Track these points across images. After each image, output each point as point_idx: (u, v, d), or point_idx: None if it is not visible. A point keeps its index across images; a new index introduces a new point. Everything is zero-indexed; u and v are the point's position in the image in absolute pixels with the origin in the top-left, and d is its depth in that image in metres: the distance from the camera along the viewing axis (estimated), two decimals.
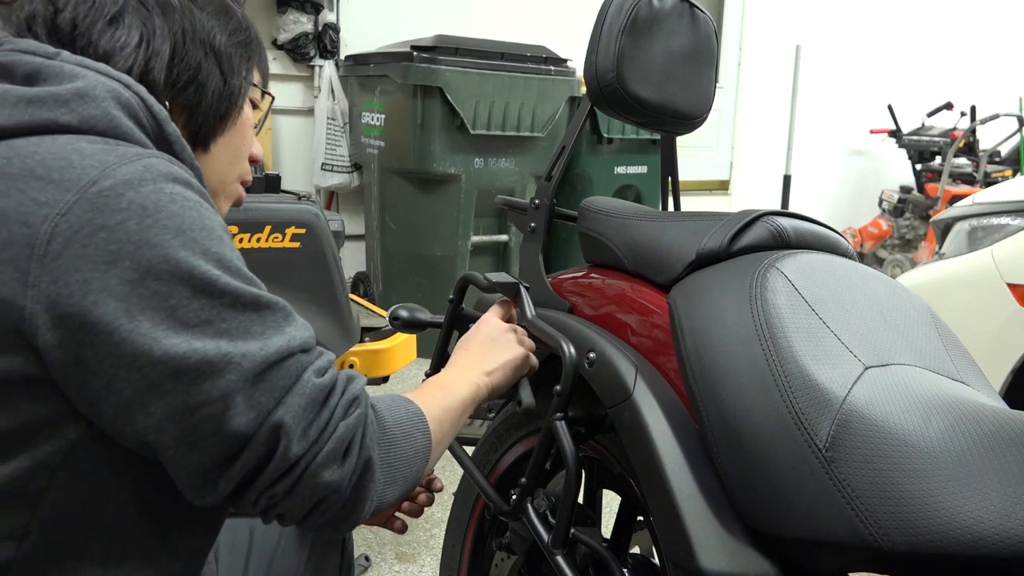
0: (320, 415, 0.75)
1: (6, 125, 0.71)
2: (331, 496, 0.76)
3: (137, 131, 0.75)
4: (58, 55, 0.77)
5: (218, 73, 0.87)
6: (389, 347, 2.32)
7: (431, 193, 3.79)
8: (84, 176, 0.68)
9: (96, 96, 0.73)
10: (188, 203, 0.71)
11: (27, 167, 0.68)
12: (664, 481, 0.92)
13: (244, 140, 0.93)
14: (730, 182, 6.55)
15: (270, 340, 0.72)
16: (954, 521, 0.75)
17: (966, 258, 2.34)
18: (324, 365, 0.77)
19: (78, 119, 0.72)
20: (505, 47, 3.86)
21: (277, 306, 0.75)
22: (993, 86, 7.15)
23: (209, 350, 0.68)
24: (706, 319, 0.98)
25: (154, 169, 0.71)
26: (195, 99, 0.85)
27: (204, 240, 0.70)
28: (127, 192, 0.68)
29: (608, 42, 1.19)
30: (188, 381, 0.68)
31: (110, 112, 0.73)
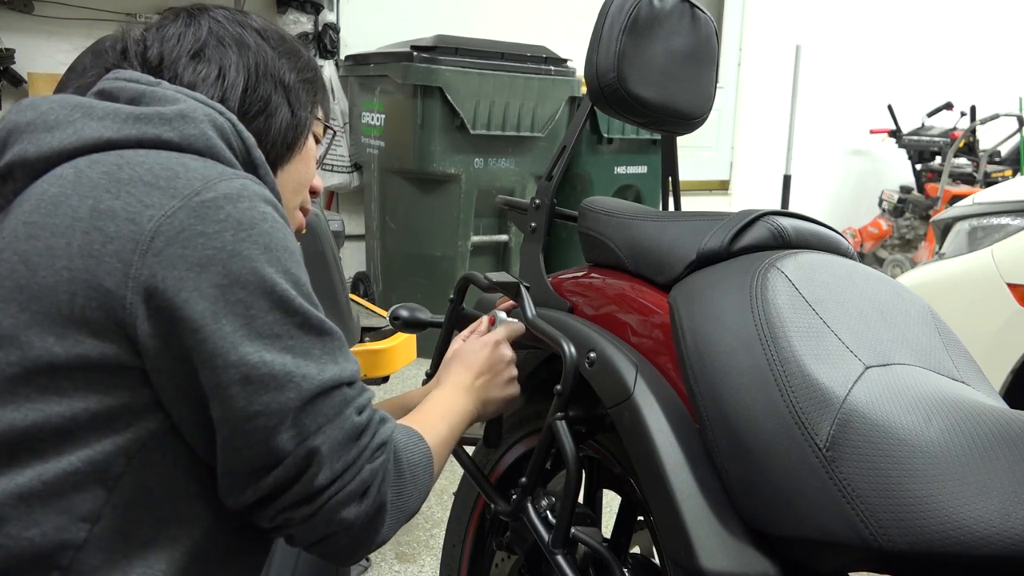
0: (351, 452, 0.79)
1: (116, 138, 0.79)
2: (342, 532, 0.80)
3: (228, 152, 0.83)
4: (159, 84, 0.85)
5: (286, 105, 0.93)
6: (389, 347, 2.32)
7: (431, 193, 3.79)
8: (189, 186, 0.76)
9: (196, 118, 0.81)
10: (276, 224, 0.78)
11: (136, 174, 0.76)
12: (664, 481, 0.92)
13: (307, 170, 0.99)
14: (730, 182, 6.55)
15: (326, 367, 0.78)
16: (954, 521, 0.75)
17: (966, 258, 2.34)
18: (364, 403, 0.82)
19: (180, 136, 0.80)
20: (505, 47, 3.86)
21: (335, 335, 0.81)
22: (993, 86, 7.15)
23: (276, 365, 0.74)
24: (706, 319, 0.98)
25: (250, 188, 0.78)
26: (264, 128, 0.92)
27: (286, 260, 0.77)
28: (226, 205, 0.75)
29: (609, 42, 1.19)
30: (252, 390, 0.73)
31: (207, 133, 0.81)
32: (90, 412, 0.74)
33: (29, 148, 0.79)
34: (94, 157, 0.78)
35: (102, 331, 0.73)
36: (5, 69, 3.46)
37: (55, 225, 0.75)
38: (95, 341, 0.73)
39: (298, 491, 0.77)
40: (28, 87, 3.51)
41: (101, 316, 0.73)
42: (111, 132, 0.79)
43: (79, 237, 0.74)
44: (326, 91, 1.03)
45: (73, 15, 3.62)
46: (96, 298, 0.73)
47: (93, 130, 0.79)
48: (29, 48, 3.55)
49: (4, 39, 3.50)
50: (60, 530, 0.73)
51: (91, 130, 0.79)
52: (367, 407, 0.82)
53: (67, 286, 0.73)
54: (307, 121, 0.97)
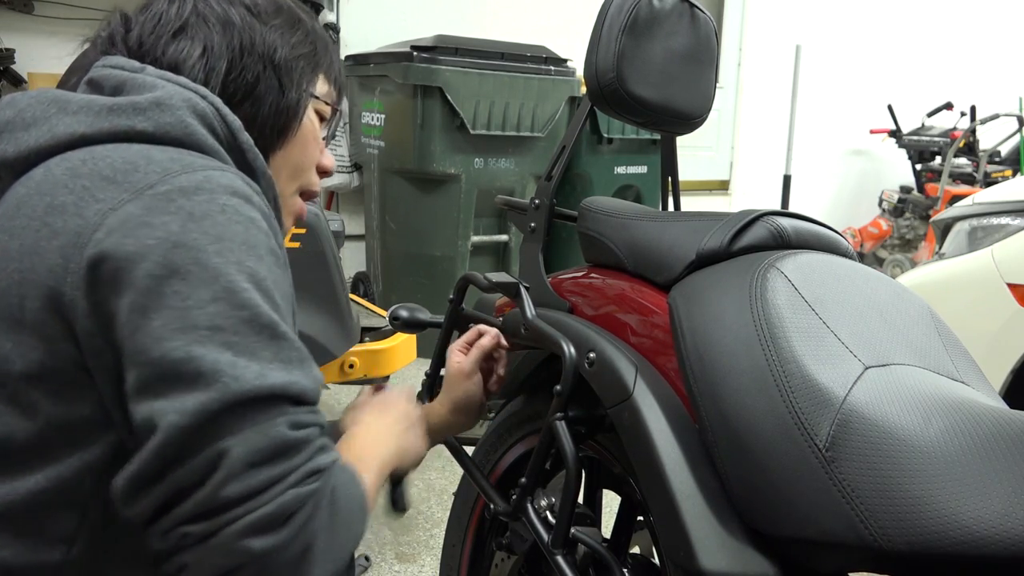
0: (274, 468, 0.66)
1: (88, 132, 0.76)
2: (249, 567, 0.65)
3: (211, 139, 0.78)
4: (143, 69, 0.82)
5: (276, 87, 0.88)
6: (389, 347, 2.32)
7: (431, 193, 3.79)
8: (145, 179, 0.71)
9: (172, 105, 0.77)
10: (238, 217, 0.72)
11: (96, 169, 0.73)
12: (664, 481, 0.92)
13: (305, 153, 0.93)
14: (730, 182, 6.55)
15: (270, 372, 0.68)
16: (954, 521, 0.75)
17: (966, 258, 2.34)
18: (307, 421, 0.70)
19: (154, 126, 0.76)
20: (505, 47, 3.86)
21: (294, 344, 0.71)
22: (993, 86, 7.15)
23: (206, 359, 0.65)
24: (706, 319, 0.98)
25: (214, 180, 0.73)
26: (252, 113, 0.86)
27: (242, 253, 0.70)
28: (179, 198, 0.70)
29: (608, 42, 1.19)
30: (171, 387, 0.65)
31: (184, 120, 0.77)
32: (54, 426, 0.70)
33: (8, 148, 0.77)
34: (66, 155, 0.75)
35: (54, 334, 0.69)
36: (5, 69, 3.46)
37: (13, 227, 0.73)
38: (49, 345, 0.69)
39: (199, 499, 0.64)
40: (28, 87, 3.51)
41: (48, 317, 0.69)
42: (84, 127, 0.76)
43: (30, 236, 0.71)
44: (333, 62, 0.96)
45: (73, 15, 3.62)
46: (41, 298, 0.69)
47: (67, 126, 0.76)
48: (29, 48, 3.55)
49: (4, 39, 3.50)
50: (34, 551, 0.70)
51: (64, 126, 0.76)
52: (308, 427, 0.70)
53: (17, 288, 0.70)
54: (302, 102, 0.91)
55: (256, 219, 0.73)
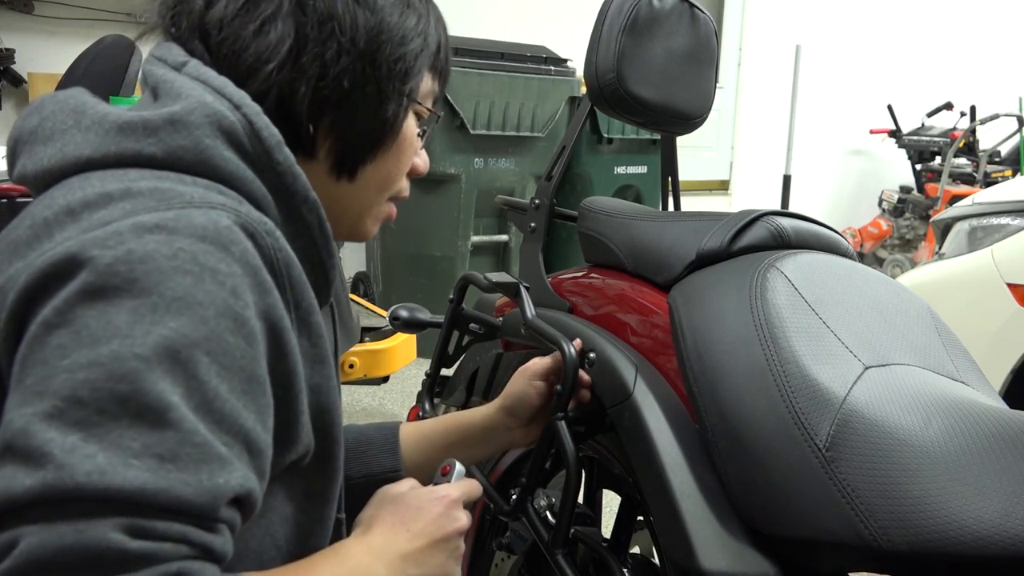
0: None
1: (94, 156, 0.66)
2: None
3: (235, 161, 0.67)
4: (184, 66, 0.70)
5: (375, 95, 0.75)
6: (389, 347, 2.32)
7: (431, 193, 3.79)
8: (108, 216, 0.60)
9: (190, 123, 0.66)
10: (192, 266, 0.58)
11: (68, 202, 0.62)
12: (664, 481, 0.92)
13: (399, 163, 0.80)
14: (730, 182, 6.55)
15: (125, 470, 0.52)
16: (954, 521, 0.75)
17: (966, 258, 2.34)
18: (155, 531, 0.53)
19: (164, 151, 0.65)
20: (505, 47, 3.86)
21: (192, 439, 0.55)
22: (993, 86, 7.14)
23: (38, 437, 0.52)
24: (706, 319, 0.98)
25: (185, 219, 0.60)
26: (344, 123, 0.75)
27: (167, 311, 0.56)
28: (128, 235, 0.58)
29: (608, 42, 1.19)
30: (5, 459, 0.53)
31: (201, 143, 0.66)
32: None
33: (28, 165, 0.69)
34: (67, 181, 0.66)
35: None
36: (5, 69, 3.46)
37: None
38: None
39: None
40: (28, 87, 3.51)
41: None
42: (91, 149, 0.66)
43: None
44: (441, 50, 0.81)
45: (73, 15, 3.62)
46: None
47: (75, 147, 0.66)
48: (29, 48, 3.55)
49: (4, 39, 3.50)
50: None
51: (74, 147, 0.66)
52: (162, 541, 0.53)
53: None
54: (401, 113, 0.77)
55: (221, 272, 0.59)
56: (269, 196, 0.69)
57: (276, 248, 0.65)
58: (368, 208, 0.81)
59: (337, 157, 0.76)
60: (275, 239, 0.65)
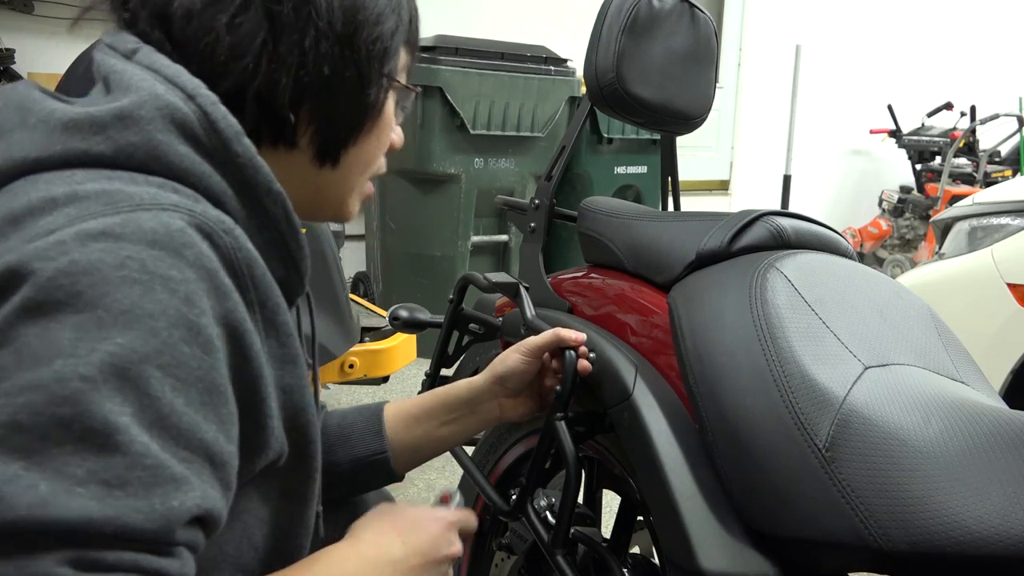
0: None
1: (41, 156, 0.61)
2: None
3: (190, 156, 0.63)
4: (134, 54, 0.66)
5: (355, 79, 0.72)
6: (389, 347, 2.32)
7: (431, 193, 3.79)
8: (51, 224, 0.56)
9: (140, 118, 0.62)
10: (141, 275, 0.54)
11: (11, 209, 0.58)
12: (664, 481, 0.92)
13: (380, 143, 0.79)
14: (730, 182, 6.55)
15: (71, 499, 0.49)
16: (954, 521, 0.75)
17: (966, 258, 2.34)
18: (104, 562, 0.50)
19: (113, 148, 0.61)
20: (505, 47, 3.86)
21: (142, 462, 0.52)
22: (993, 86, 7.15)
23: None
24: (706, 319, 0.98)
25: (132, 224, 0.56)
26: (326, 110, 0.72)
27: (113, 327, 0.52)
28: (72, 245, 0.54)
29: (608, 42, 1.19)
30: None
31: (153, 139, 0.62)
32: None
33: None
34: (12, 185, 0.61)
35: None
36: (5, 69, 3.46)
37: None
38: None
39: None
40: None
41: None
42: (37, 150, 0.61)
43: None
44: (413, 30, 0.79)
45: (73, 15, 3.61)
46: None
47: (21, 147, 0.62)
48: (29, 48, 3.55)
49: (4, 39, 3.50)
50: None
51: (19, 147, 0.62)
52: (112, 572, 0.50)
53: None
54: (381, 96, 0.75)
55: (173, 279, 0.55)
56: (230, 191, 0.66)
57: (235, 248, 0.62)
58: (352, 190, 0.79)
59: (320, 144, 0.74)
60: (234, 238, 0.62)
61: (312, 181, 0.75)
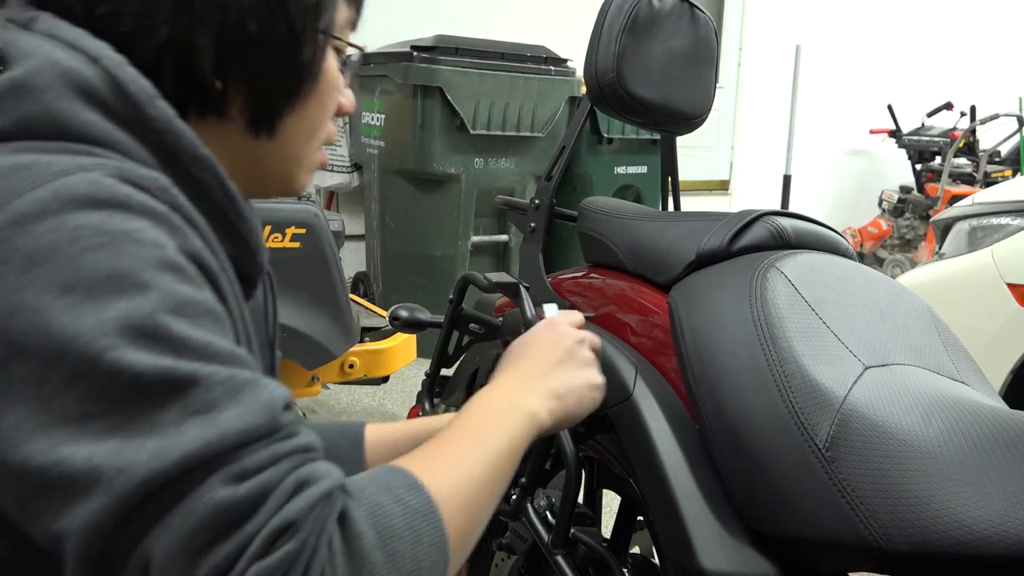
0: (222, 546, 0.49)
1: None
2: None
3: (100, 122, 0.58)
4: (34, 21, 0.61)
5: (286, 37, 0.65)
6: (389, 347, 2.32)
7: (431, 193, 3.79)
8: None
9: (37, 87, 0.57)
10: (100, 238, 0.52)
11: None
12: (664, 481, 0.92)
13: (324, 107, 0.72)
14: (730, 182, 6.55)
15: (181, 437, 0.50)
16: (954, 521, 0.75)
17: (966, 258, 2.34)
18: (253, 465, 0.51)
19: (11, 122, 0.57)
20: (505, 47, 3.86)
21: (212, 380, 0.52)
22: (993, 86, 7.15)
23: (75, 459, 0.49)
24: (706, 319, 0.98)
25: (66, 193, 0.52)
26: (256, 73, 0.65)
27: (104, 295, 0.51)
28: (16, 234, 0.51)
29: (608, 42, 1.19)
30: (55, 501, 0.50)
31: (53, 108, 0.57)
32: None
33: None
34: None
35: None
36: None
37: None
38: None
39: None
40: None
41: None
42: None
43: None
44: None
45: None
46: None
47: None
48: None
49: None
50: None
51: None
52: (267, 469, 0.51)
53: None
54: (318, 54, 0.68)
55: (131, 232, 0.53)
56: (152, 159, 0.60)
57: (175, 205, 0.57)
58: (299, 160, 0.73)
59: (252, 113, 0.67)
60: (171, 195, 0.57)
61: (250, 154, 0.69)
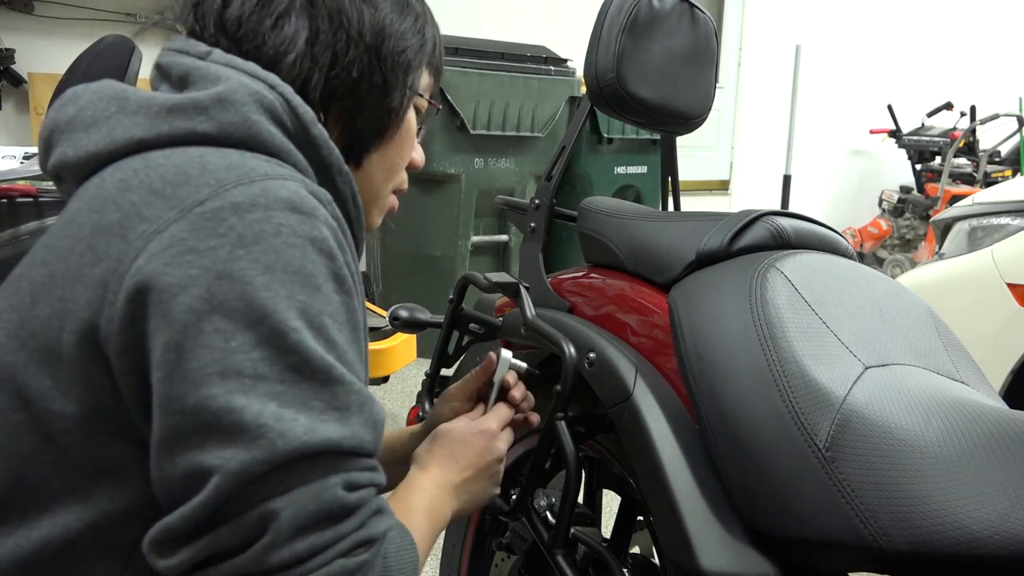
0: (323, 534, 0.61)
1: (146, 137, 0.69)
2: None
3: (279, 137, 0.71)
4: (209, 54, 0.74)
5: (380, 86, 0.80)
6: (389, 347, 2.32)
7: (431, 193, 3.79)
8: (195, 194, 0.64)
9: (236, 101, 0.69)
10: (295, 239, 0.64)
11: (147, 180, 0.66)
12: (664, 481, 0.92)
13: (402, 152, 0.86)
14: (730, 182, 6.54)
15: (323, 425, 0.61)
16: (954, 521, 0.75)
17: (966, 258, 2.34)
18: (360, 481, 0.64)
19: (216, 127, 0.69)
20: (505, 47, 3.86)
21: (352, 388, 0.64)
22: (993, 86, 7.15)
23: (248, 412, 0.59)
24: (706, 319, 0.98)
25: (271, 194, 0.65)
26: (352, 112, 0.80)
27: (293, 284, 0.63)
28: (230, 217, 0.63)
29: (608, 42, 1.19)
30: (212, 441, 0.59)
31: (249, 118, 0.70)
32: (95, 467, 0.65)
33: (68, 151, 0.72)
34: (121, 163, 0.69)
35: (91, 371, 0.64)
36: (5, 69, 3.46)
37: (61, 248, 0.67)
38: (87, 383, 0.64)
39: (240, 564, 0.60)
40: (28, 87, 3.51)
41: (86, 353, 0.64)
42: (143, 131, 0.69)
43: (75, 260, 0.66)
44: (437, 49, 0.87)
45: (73, 15, 3.62)
46: (78, 331, 0.64)
47: (125, 129, 0.69)
48: (29, 48, 3.55)
49: (4, 39, 3.50)
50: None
51: (123, 129, 0.70)
52: (364, 487, 0.65)
53: (58, 319, 0.65)
54: (404, 103, 0.83)
55: (317, 239, 0.65)
56: (310, 169, 0.74)
57: (337, 216, 0.70)
58: (375, 198, 0.87)
59: (345, 144, 0.81)
60: (334, 208, 0.70)
61: None
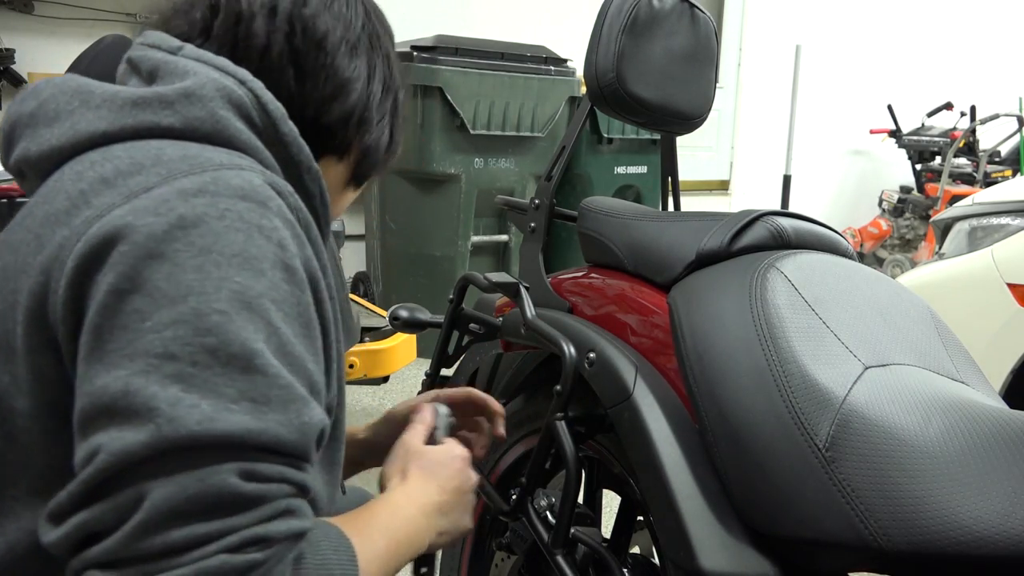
0: (207, 524, 0.55)
1: (110, 130, 0.68)
2: None
3: (246, 132, 0.71)
4: (181, 49, 0.73)
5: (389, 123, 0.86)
6: (389, 347, 2.32)
7: (431, 193, 3.79)
8: (144, 182, 0.63)
9: (203, 96, 0.69)
10: (240, 224, 0.62)
11: (100, 171, 0.65)
12: (664, 481, 0.92)
13: None
14: (730, 182, 6.54)
15: (228, 415, 0.57)
16: (954, 521, 0.75)
17: (966, 258, 2.34)
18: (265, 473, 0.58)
19: (181, 121, 0.68)
20: (505, 47, 3.86)
21: (278, 381, 0.60)
22: (993, 86, 7.14)
23: (141, 394, 0.56)
24: (706, 319, 0.98)
25: (223, 182, 0.64)
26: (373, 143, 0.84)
27: (229, 267, 0.60)
28: (175, 201, 0.62)
29: (608, 42, 1.19)
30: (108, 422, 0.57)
31: (216, 113, 0.69)
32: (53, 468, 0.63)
33: (31, 147, 0.71)
34: (82, 156, 0.68)
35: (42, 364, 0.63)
36: (5, 69, 3.46)
37: (14, 241, 0.67)
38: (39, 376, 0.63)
39: (109, 546, 0.55)
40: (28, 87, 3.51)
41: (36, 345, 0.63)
42: (106, 124, 0.68)
43: (23, 251, 0.65)
44: None
45: (73, 15, 3.61)
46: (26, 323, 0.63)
47: (89, 123, 0.69)
48: (29, 48, 3.55)
49: (4, 39, 3.50)
50: None
51: (87, 123, 0.69)
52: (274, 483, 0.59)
53: (10, 312, 0.64)
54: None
55: (265, 228, 0.63)
56: (277, 166, 0.73)
57: (298, 208, 0.69)
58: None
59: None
60: (296, 200, 0.69)
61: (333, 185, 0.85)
